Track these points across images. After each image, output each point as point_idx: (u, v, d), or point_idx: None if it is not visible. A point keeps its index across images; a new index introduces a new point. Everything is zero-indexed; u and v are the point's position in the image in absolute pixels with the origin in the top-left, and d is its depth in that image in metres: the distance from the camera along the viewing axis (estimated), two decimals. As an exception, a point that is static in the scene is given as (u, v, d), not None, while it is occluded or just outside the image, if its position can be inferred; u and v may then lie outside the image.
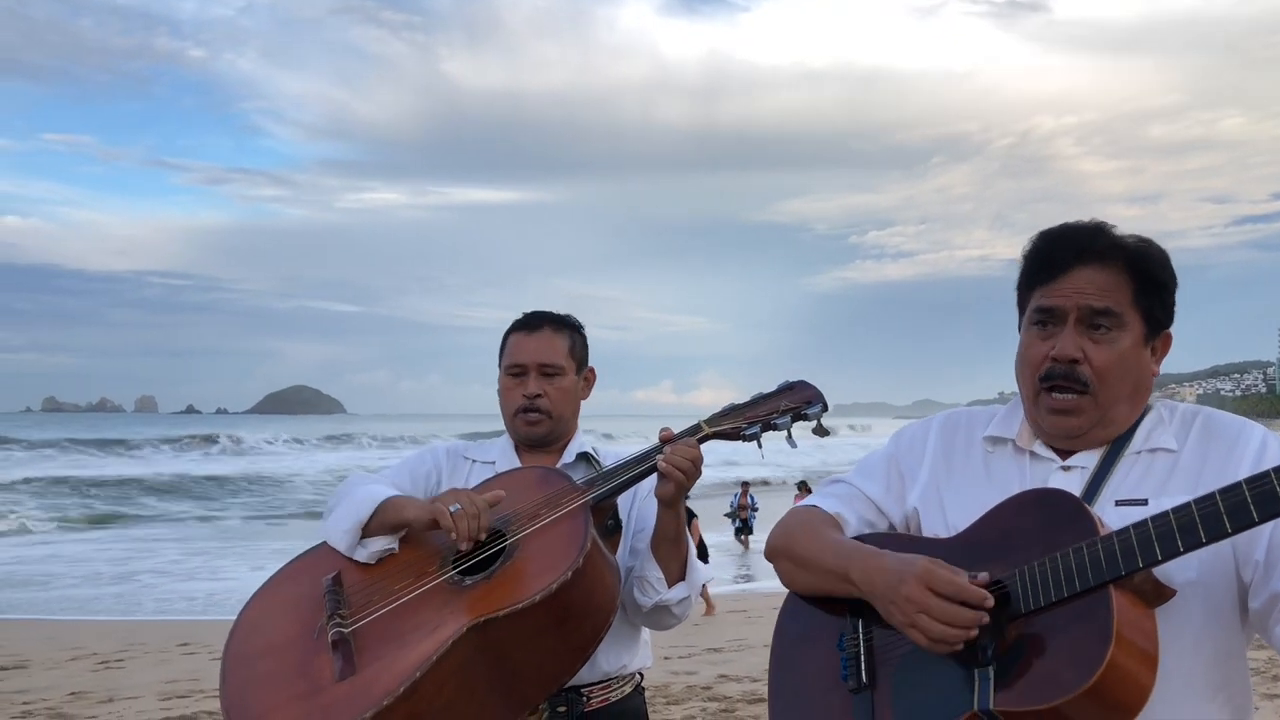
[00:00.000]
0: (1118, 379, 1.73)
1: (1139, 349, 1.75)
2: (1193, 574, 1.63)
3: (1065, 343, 1.73)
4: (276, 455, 52.33)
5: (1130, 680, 1.49)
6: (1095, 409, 1.74)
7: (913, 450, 1.97)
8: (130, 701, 7.95)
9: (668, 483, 2.31)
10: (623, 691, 2.54)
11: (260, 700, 2.13)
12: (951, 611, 1.58)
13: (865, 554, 1.77)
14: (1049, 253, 1.78)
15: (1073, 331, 1.73)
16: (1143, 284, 1.74)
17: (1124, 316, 1.73)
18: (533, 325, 2.68)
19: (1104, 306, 1.72)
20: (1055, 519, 1.62)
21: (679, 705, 7.46)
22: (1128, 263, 1.74)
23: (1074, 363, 1.73)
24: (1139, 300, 1.74)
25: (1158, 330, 1.77)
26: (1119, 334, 1.73)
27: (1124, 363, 1.73)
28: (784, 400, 2.34)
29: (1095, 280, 1.73)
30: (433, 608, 2.16)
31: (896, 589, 1.65)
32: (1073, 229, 1.79)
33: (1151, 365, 1.78)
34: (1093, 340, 1.73)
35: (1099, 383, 1.73)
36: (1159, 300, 1.76)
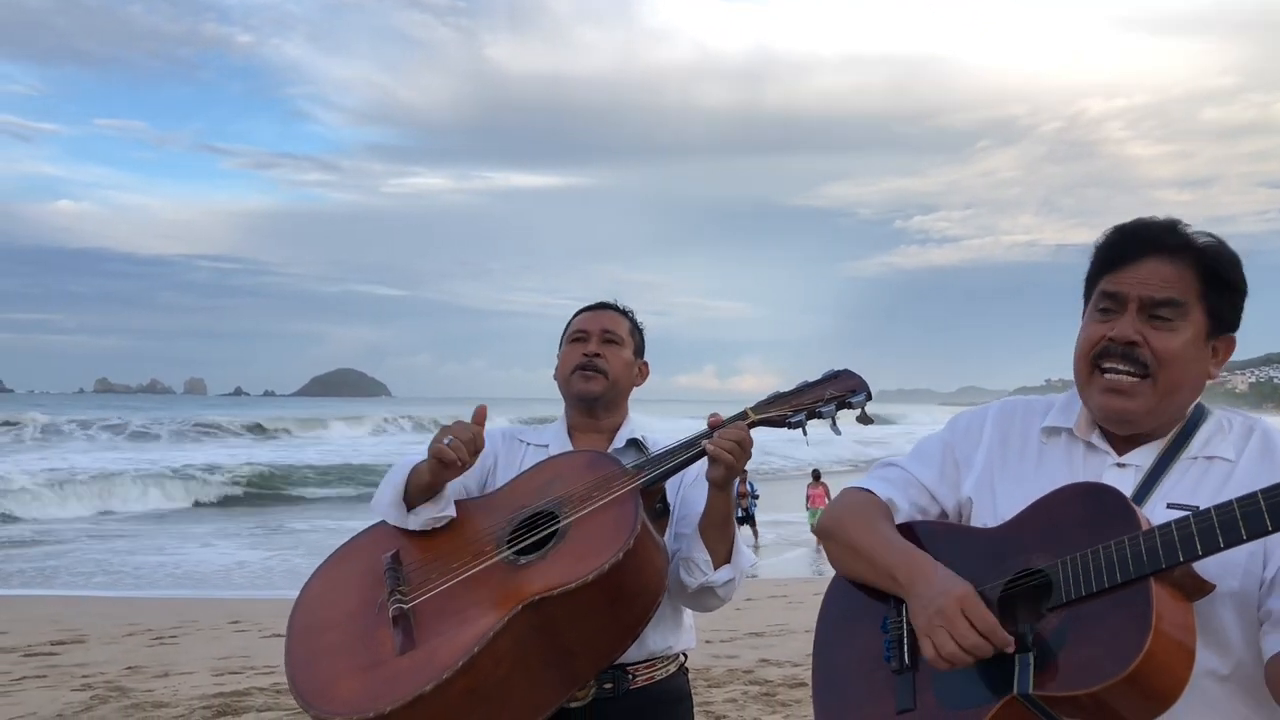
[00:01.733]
0: (1177, 368, 1.74)
1: (1200, 344, 1.76)
2: (1236, 583, 1.66)
3: (1124, 325, 1.75)
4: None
5: (1167, 670, 1.53)
6: (1153, 394, 1.75)
7: (969, 438, 1.99)
8: (185, 676, 8.13)
9: (718, 466, 2.36)
10: (667, 671, 2.61)
11: (326, 670, 2.23)
12: (975, 641, 1.64)
13: (916, 559, 1.82)
14: (1120, 244, 1.80)
15: (1133, 317, 1.75)
16: (1210, 281, 1.75)
17: (1188, 308, 1.74)
18: (599, 306, 2.85)
19: (1166, 297, 1.74)
20: (1100, 512, 1.66)
21: (720, 688, 7.51)
22: (1197, 259, 1.75)
23: (1132, 344, 1.75)
24: (1205, 296, 1.75)
25: (1220, 330, 1.78)
26: (1181, 324, 1.74)
27: (1184, 353, 1.74)
28: (829, 389, 2.39)
29: (1161, 272, 1.75)
30: (489, 586, 2.24)
31: (934, 599, 1.70)
32: (1146, 223, 1.81)
33: (1210, 366, 1.79)
34: (1153, 328, 1.75)
35: (1158, 367, 1.74)
36: (1226, 300, 1.77)
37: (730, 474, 2.38)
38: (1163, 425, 1.81)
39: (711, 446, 2.36)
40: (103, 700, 7.28)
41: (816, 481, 17.64)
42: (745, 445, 2.37)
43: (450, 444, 2.33)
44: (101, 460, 30.77)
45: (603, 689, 2.48)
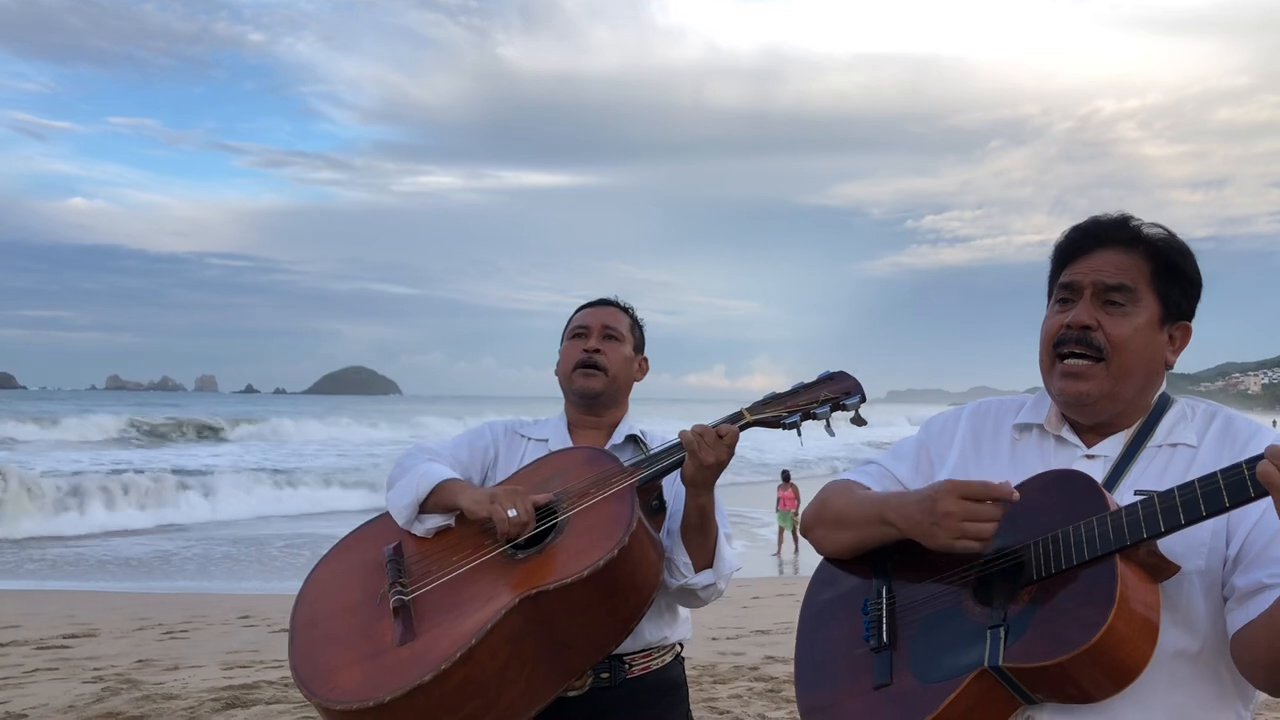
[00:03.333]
0: (1130, 351, 1.81)
1: (1154, 329, 1.83)
2: (1202, 562, 1.72)
3: (1079, 311, 1.83)
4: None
5: (1130, 644, 1.60)
6: (1107, 377, 1.82)
7: (943, 436, 2.07)
8: (195, 670, 8.21)
9: (691, 463, 2.37)
10: (663, 661, 2.65)
11: (328, 659, 2.28)
12: (989, 509, 1.72)
13: (895, 496, 1.92)
14: (1076, 240, 1.89)
15: (1089, 303, 1.83)
16: (1161, 268, 1.83)
17: (1139, 294, 1.82)
18: (599, 302, 2.87)
19: (1118, 283, 1.82)
20: (1071, 496, 1.73)
21: (725, 684, 7.56)
22: (1148, 248, 1.84)
23: (1087, 329, 1.82)
24: (1156, 282, 1.82)
25: (1175, 317, 1.85)
26: (1134, 309, 1.82)
27: (1137, 337, 1.81)
28: (824, 390, 2.43)
29: (1114, 260, 1.83)
30: (488, 579, 2.30)
31: (933, 510, 1.78)
32: (1099, 219, 1.90)
33: (1167, 352, 1.86)
34: (1107, 313, 1.82)
35: (1112, 351, 1.81)
36: (1177, 287, 1.84)
37: (701, 471, 2.37)
38: (1127, 415, 1.87)
39: (686, 435, 2.38)
40: (114, 692, 7.37)
41: (786, 483, 17.45)
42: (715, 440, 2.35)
43: (514, 519, 2.32)
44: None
45: (600, 679, 2.53)
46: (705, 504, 2.44)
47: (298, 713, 6.67)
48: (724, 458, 2.37)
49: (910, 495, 1.88)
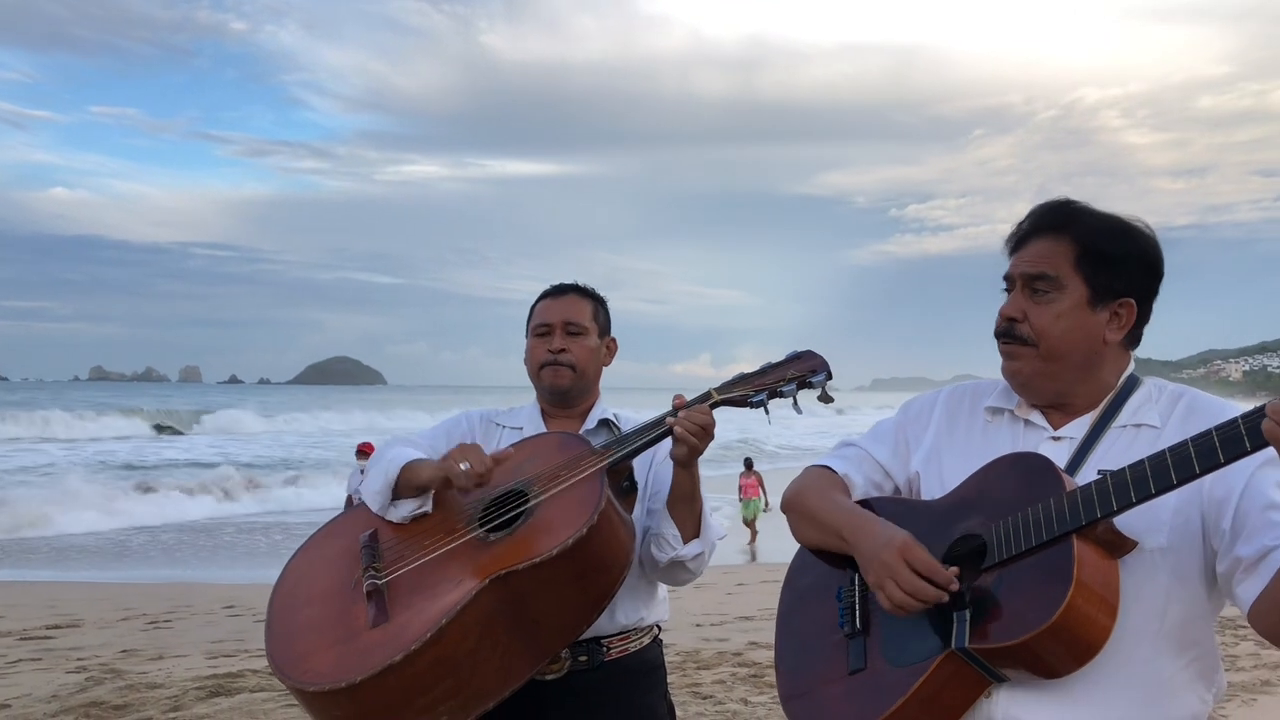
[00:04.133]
0: (1054, 335, 1.87)
1: (1081, 312, 1.87)
2: (1163, 540, 1.76)
3: (1007, 304, 1.92)
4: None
5: (1089, 621, 1.65)
6: (1037, 359, 1.89)
7: (919, 419, 2.11)
8: (179, 659, 8.22)
9: (681, 446, 2.44)
10: (641, 643, 2.68)
11: (302, 643, 2.31)
12: (919, 585, 1.76)
13: (859, 517, 1.95)
14: (1015, 232, 1.97)
15: (1018, 295, 1.91)
16: (1086, 251, 1.88)
17: (1062, 279, 1.87)
18: (559, 291, 2.86)
19: (1039, 272, 1.89)
20: (1029, 478, 1.78)
21: (709, 670, 7.61)
22: (1074, 234, 1.89)
23: (1013, 320, 1.90)
24: (1081, 266, 1.87)
25: (1109, 296, 1.88)
26: (1058, 295, 1.88)
27: (1061, 322, 1.87)
28: (791, 369, 2.48)
29: (1040, 250, 1.90)
30: (459, 562, 2.33)
31: (877, 553, 1.82)
32: (1039, 207, 1.97)
33: (1106, 331, 1.89)
34: (1034, 302, 1.89)
35: (1038, 338, 1.88)
36: (1106, 267, 1.88)
37: (693, 453, 2.45)
38: (1089, 396, 1.91)
39: (676, 427, 2.43)
40: (97, 682, 7.37)
41: (749, 471, 17.40)
42: (707, 427, 2.44)
43: (466, 471, 2.37)
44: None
45: (577, 661, 2.56)
46: (694, 475, 2.52)
47: (282, 700, 6.68)
48: (708, 442, 2.46)
49: (869, 525, 1.91)
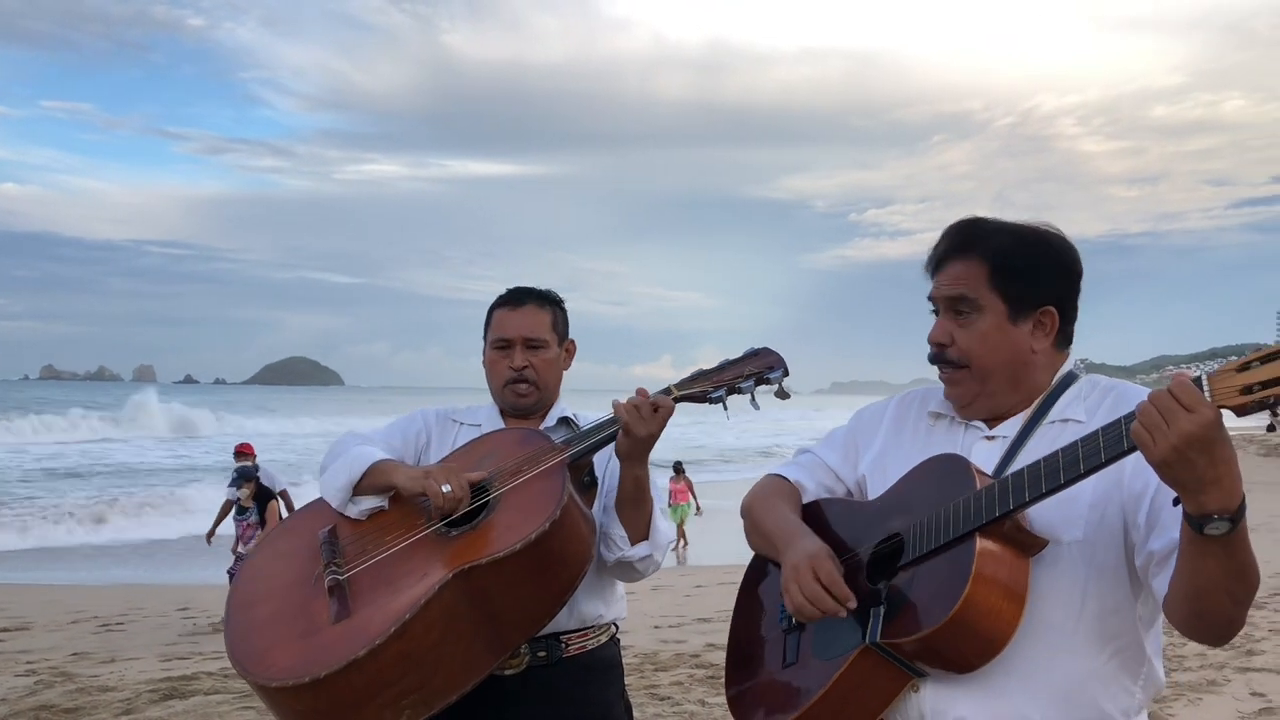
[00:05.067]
0: (982, 354, 1.93)
1: (1003, 327, 1.92)
2: (1079, 533, 1.81)
3: (934, 331, 1.98)
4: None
5: (991, 615, 1.71)
6: (973, 379, 1.95)
7: (870, 424, 2.18)
8: (131, 662, 8.13)
9: (624, 436, 2.42)
10: (599, 640, 2.70)
11: (263, 639, 2.30)
12: (815, 591, 1.86)
13: (791, 529, 2.03)
14: (932, 255, 2.02)
15: (943, 320, 1.97)
16: (997, 269, 1.92)
17: (979, 300, 1.92)
18: (517, 301, 2.81)
19: (958, 294, 1.93)
20: (945, 478, 1.85)
21: (667, 672, 7.63)
22: (983, 252, 1.93)
23: (942, 346, 1.96)
24: (995, 283, 1.92)
25: (1027, 308, 1.93)
26: (978, 316, 1.93)
27: (985, 341, 1.92)
28: (748, 366, 2.52)
29: (955, 272, 1.95)
30: (421, 557, 2.33)
31: (792, 559, 1.92)
32: (950, 228, 2.01)
33: (1031, 342, 1.93)
34: (958, 324, 1.95)
35: (968, 360, 1.94)
36: (1019, 281, 1.92)
37: (635, 444, 2.43)
38: (1022, 400, 1.97)
39: (619, 406, 2.44)
40: (47, 685, 7.27)
41: (679, 476, 17.37)
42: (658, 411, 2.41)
43: (447, 494, 2.36)
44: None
45: (536, 657, 2.57)
46: (640, 476, 2.50)
47: (238, 703, 6.63)
48: (656, 430, 2.43)
49: (796, 538, 1.99)
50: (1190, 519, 1.56)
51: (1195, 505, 1.54)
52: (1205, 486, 1.52)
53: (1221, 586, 1.62)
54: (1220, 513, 1.53)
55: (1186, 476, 1.52)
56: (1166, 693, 6.46)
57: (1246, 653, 7.51)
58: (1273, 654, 7.50)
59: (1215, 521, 1.53)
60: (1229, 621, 1.69)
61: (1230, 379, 1.51)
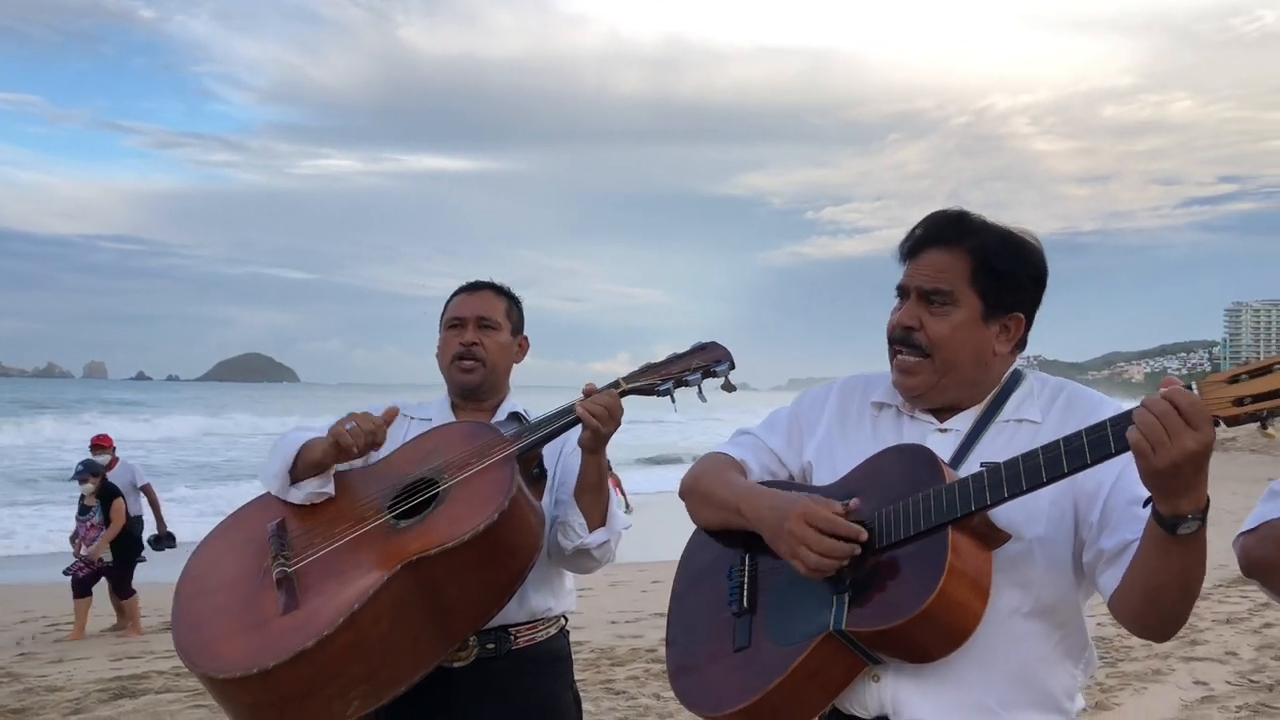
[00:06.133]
0: (949, 347, 1.94)
1: (975, 325, 1.94)
2: (1040, 530, 1.85)
3: (903, 314, 1.97)
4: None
5: (960, 608, 1.73)
6: (932, 371, 1.95)
7: (813, 410, 2.17)
8: (81, 662, 8.02)
9: (587, 431, 2.48)
10: (548, 633, 2.71)
11: (210, 631, 2.30)
12: (828, 544, 1.80)
13: (753, 492, 2.00)
14: (909, 241, 2.02)
15: (914, 305, 1.96)
16: (980, 267, 1.94)
17: (958, 294, 1.93)
18: (474, 288, 2.89)
19: (935, 287, 1.94)
20: (913, 469, 1.86)
21: (623, 666, 7.65)
22: (970, 249, 1.95)
23: (909, 329, 1.96)
24: (976, 281, 1.93)
25: (1001, 310, 1.96)
26: (953, 309, 1.94)
27: (956, 334, 1.93)
28: (695, 359, 2.55)
29: (936, 262, 1.95)
30: (370, 548, 2.34)
31: (781, 524, 1.86)
32: (933, 218, 2.02)
33: (995, 343, 1.96)
34: (930, 313, 1.95)
35: (933, 348, 1.94)
36: (999, 284, 1.94)
37: (598, 438, 2.49)
38: (972, 395, 1.99)
39: (581, 410, 2.47)
40: (-6, 685, 7.16)
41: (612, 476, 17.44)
42: (613, 410, 2.48)
43: (351, 430, 2.42)
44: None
45: (485, 649, 2.58)
46: (601, 464, 2.55)
47: (189, 701, 6.57)
48: (614, 427, 2.49)
49: (766, 497, 1.96)
50: (1163, 520, 1.60)
51: (1171, 508, 1.58)
52: (1186, 492, 1.56)
53: (1178, 583, 1.68)
54: (1193, 513, 1.58)
55: (1174, 485, 1.56)
56: (1113, 682, 6.59)
57: (1190, 643, 7.67)
58: (1215, 643, 7.67)
59: (1188, 522, 1.58)
60: (1177, 618, 1.75)
61: (1222, 390, 1.56)
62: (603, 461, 2.56)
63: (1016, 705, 1.85)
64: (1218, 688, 6.51)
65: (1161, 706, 6.17)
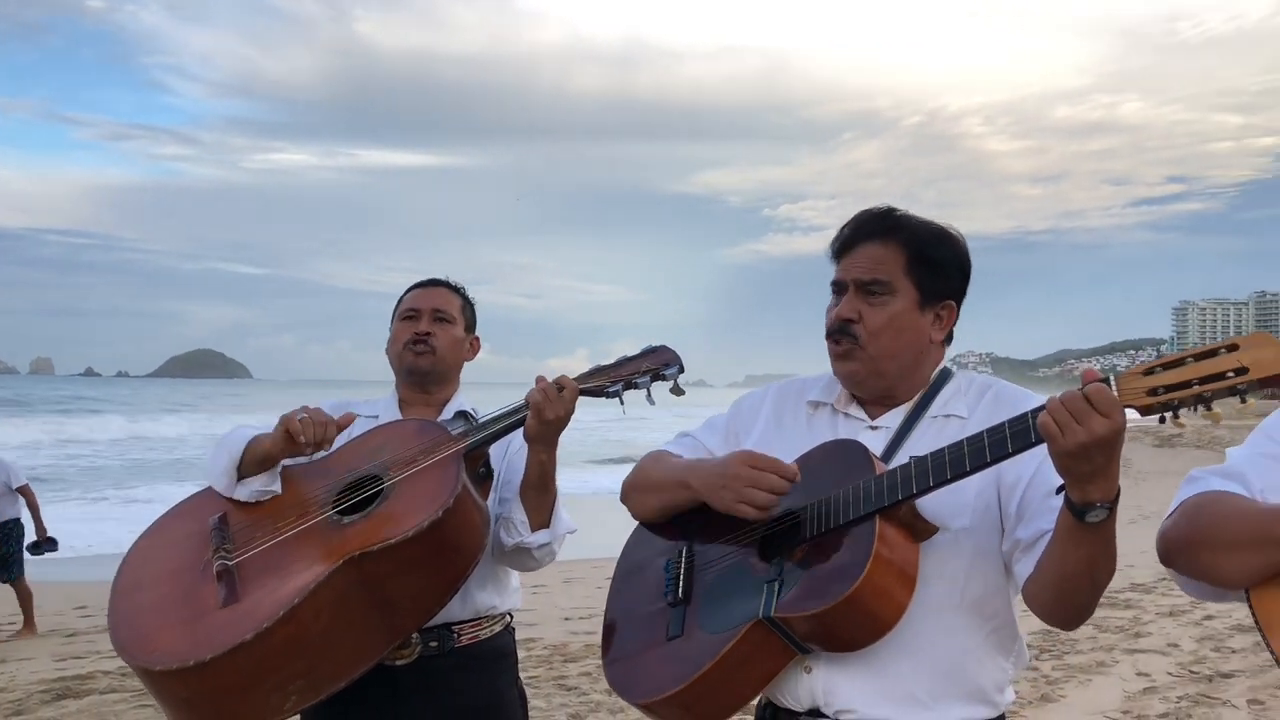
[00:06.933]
0: (887, 336, 1.99)
1: (912, 313, 2.00)
2: (966, 521, 1.90)
3: (843, 306, 2.02)
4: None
5: (885, 596, 1.77)
6: (867, 357, 2.00)
7: (749, 413, 2.22)
8: (24, 663, 7.89)
9: (533, 420, 2.45)
10: (493, 630, 2.72)
11: (147, 623, 2.28)
12: (770, 479, 1.88)
13: (699, 461, 2.07)
14: (842, 237, 2.07)
15: (852, 298, 2.01)
16: (915, 257, 2.00)
17: (894, 284, 1.99)
18: (430, 284, 2.91)
19: (873, 278, 1.99)
20: (845, 462, 1.90)
21: (576, 663, 7.66)
22: (903, 240, 2.01)
23: (849, 321, 2.00)
24: (911, 271, 1.99)
25: (935, 298, 2.02)
26: (891, 299, 1.99)
27: (893, 323, 1.99)
28: (645, 362, 2.56)
29: (872, 255, 2.00)
30: (313, 543, 2.33)
31: (724, 473, 1.94)
32: (864, 214, 2.07)
33: (931, 331, 2.03)
34: (869, 304, 2.00)
35: (870, 338, 1.99)
36: (932, 272, 2.01)
37: (544, 427, 2.45)
38: (905, 390, 2.04)
39: (530, 396, 2.46)
40: (-67, 687, 7.02)
41: None
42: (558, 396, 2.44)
43: (303, 420, 2.40)
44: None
45: (428, 647, 2.58)
46: (546, 462, 2.53)
47: (134, 701, 6.49)
48: (564, 413, 2.46)
49: (710, 461, 2.03)
50: (1073, 507, 1.65)
51: (1081, 494, 1.63)
52: (1095, 479, 1.62)
53: (1087, 572, 1.73)
54: (1102, 501, 1.63)
55: (1083, 469, 1.61)
56: (1058, 674, 6.69)
57: (1135, 635, 7.81)
58: (1158, 635, 7.81)
59: (1096, 509, 1.63)
60: (1086, 606, 1.81)
61: (1137, 381, 1.62)
62: (547, 459, 2.53)
63: (946, 697, 1.89)
64: (1159, 679, 6.63)
65: (1105, 698, 6.27)
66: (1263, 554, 1.55)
